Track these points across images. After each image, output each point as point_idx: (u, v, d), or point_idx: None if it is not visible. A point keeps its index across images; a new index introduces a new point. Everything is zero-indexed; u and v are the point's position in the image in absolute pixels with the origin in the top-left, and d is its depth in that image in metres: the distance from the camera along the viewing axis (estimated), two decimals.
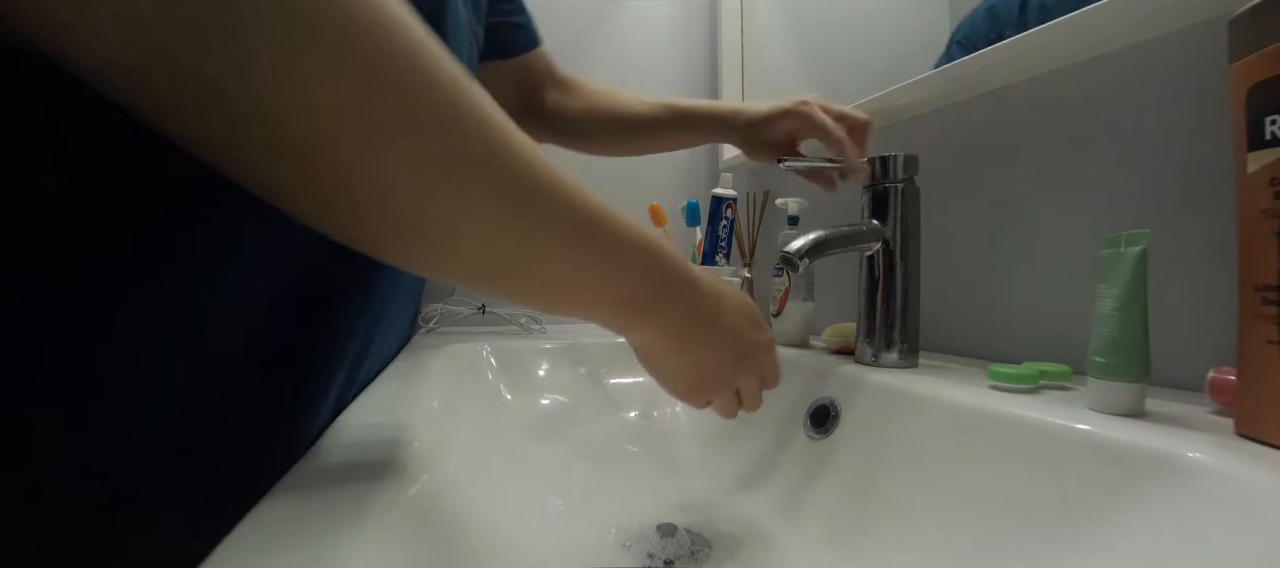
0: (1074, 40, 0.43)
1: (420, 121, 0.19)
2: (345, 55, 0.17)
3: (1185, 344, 0.38)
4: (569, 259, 0.26)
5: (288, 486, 0.22)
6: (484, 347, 0.65)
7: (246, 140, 0.17)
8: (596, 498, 0.46)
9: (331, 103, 0.17)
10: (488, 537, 0.34)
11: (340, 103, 0.17)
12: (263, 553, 0.17)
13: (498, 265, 0.24)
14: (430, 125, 0.19)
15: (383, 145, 0.18)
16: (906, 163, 0.48)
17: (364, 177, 0.19)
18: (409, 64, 0.18)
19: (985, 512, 0.31)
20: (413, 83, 0.18)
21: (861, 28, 0.76)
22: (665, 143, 0.68)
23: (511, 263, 0.24)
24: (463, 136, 0.20)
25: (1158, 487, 0.24)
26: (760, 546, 0.39)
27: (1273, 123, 0.24)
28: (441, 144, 0.19)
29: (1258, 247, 0.25)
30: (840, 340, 0.54)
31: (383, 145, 0.18)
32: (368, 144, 0.18)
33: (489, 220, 0.22)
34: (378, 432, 0.30)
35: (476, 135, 0.21)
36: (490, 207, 0.22)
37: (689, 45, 1.04)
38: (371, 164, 0.18)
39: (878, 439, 0.40)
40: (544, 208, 0.24)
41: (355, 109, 0.17)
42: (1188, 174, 0.39)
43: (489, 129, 0.21)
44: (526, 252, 0.24)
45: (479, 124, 0.21)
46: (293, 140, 0.17)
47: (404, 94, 0.18)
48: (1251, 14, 0.25)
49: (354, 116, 0.17)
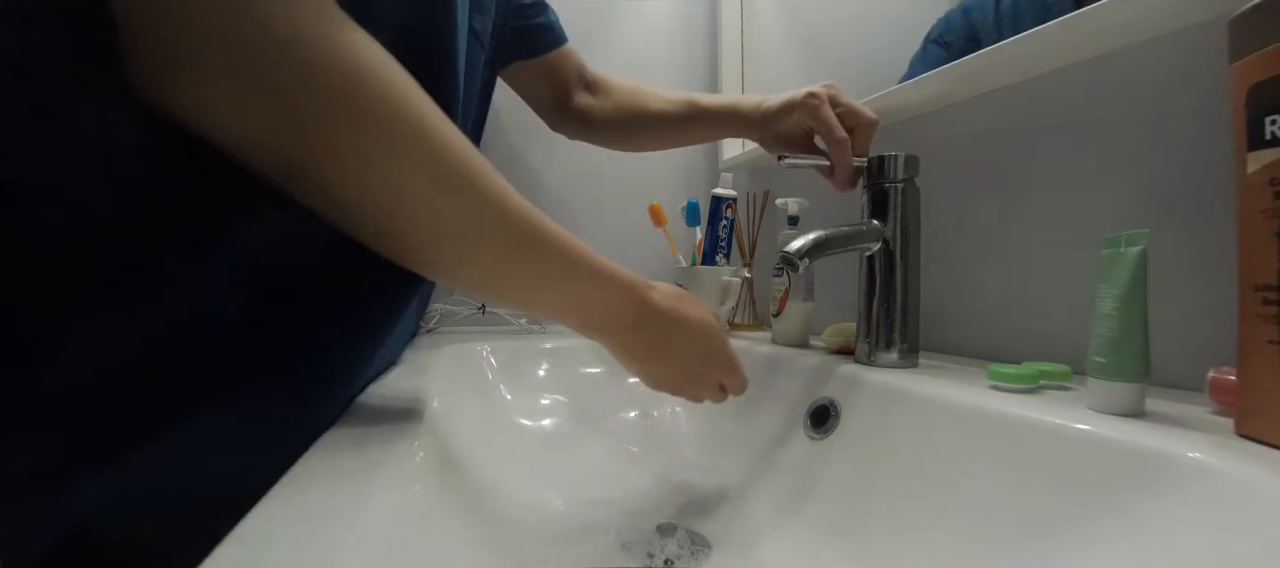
0: (1074, 40, 0.43)
1: (444, 208, 0.28)
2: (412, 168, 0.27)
3: (1185, 344, 0.38)
4: (544, 287, 0.35)
5: (294, 479, 0.22)
6: (484, 347, 0.65)
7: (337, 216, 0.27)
8: (596, 498, 0.46)
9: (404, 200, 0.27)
10: (487, 537, 0.34)
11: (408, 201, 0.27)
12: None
13: (493, 289, 0.34)
14: (451, 204, 0.28)
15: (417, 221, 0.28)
16: (907, 163, 0.48)
17: (404, 234, 0.29)
18: (444, 168, 0.27)
19: (985, 512, 0.31)
20: (447, 183, 0.28)
21: (861, 28, 0.76)
22: (688, 138, 0.70)
23: (503, 287, 0.34)
24: (477, 205, 0.29)
25: (1158, 487, 0.24)
26: (760, 546, 0.39)
27: (1273, 123, 0.24)
28: (460, 212, 0.29)
29: (1258, 247, 0.25)
30: (840, 340, 0.54)
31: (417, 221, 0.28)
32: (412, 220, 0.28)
33: (489, 264, 0.32)
34: (378, 432, 0.30)
35: (483, 202, 0.29)
36: (489, 257, 0.31)
37: (689, 45, 1.04)
38: (411, 226, 0.28)
39: (878, 439, 0.40)
40: (538, 255, 0.32)
41: (413, 202, 0.27)
42: (1188, 174, 0.39)
43: (490, 195, 0.29)
44: (518, 283, 0.34)
45: (488, 192, 0.29)
46: (371, 221, 0.28)
47: (442, 189, 0.28)
48: (1251, 14, 0.25)
49: (410, 207, 0.27)
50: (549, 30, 0.65)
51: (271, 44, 0.22)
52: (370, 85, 0.25)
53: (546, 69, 0.66)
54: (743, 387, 0.44)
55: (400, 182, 0.26)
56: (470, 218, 0.29)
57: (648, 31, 1.02)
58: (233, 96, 0.23)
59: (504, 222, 0.30)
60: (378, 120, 0.25)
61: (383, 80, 0.25)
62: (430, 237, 0.29)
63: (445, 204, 0.28)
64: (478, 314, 0.81)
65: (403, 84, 0.26)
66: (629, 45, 1.00)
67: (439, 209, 0.28)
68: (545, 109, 0.70)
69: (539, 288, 0.34)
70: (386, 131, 0.25)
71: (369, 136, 0.25)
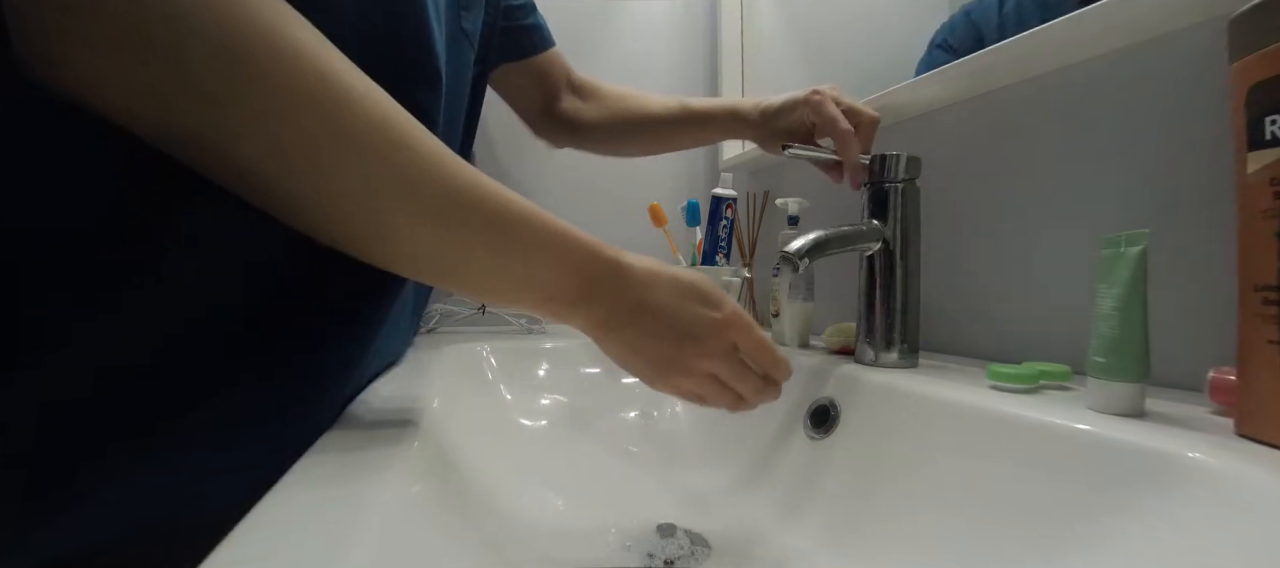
0: (1073, 40, 0.43)
1: (344, 160, 0.25)
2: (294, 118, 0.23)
3: (1185, 344, 0.38)
4: (484, 258, 0.30)
5: (294, 480, 0.22)
6: (484, 347, 0.65)
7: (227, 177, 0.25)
8: (596, 498, 0.46)
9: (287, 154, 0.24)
10: (487, 537, 0.34)
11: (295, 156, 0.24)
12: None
13: (426, 263, 0.29)
14: (348, 162, 0.25)
15: (309, 178, 0.25)
16: (908, 163, 0.48)
17: (305, 204, 0.26)
18: (338, 114, 0.24)
19: (985, 512, 0.31)
20: (339, 132, 0.24)
21: (861, 28, 0.76)
22: (682, 142, 0.69)
23: (437, 262, 0.29)
24: (378, 164, 0.25)
25: (1158, 487, 0.24)
26: (760, 546, 0.39)
27: (1273, 123, 0.24)
28: (359, 174, 0.25)
29: (1258, 247, 0.25)
30: (840, 340, 0.54)
31: (309, 178, 0.25)
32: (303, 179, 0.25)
33: (406, 229, 0.27)
34: (377, 432, 0.30)
35: (390, 160, 0.26)
36: (402, 219, 0.27)
37: (689, 45, 1.04)
38: (309, 194, 0.25)
39: (878, 439, 0.40)
40: (457, 214, 0.28)
41: (303, 156, 0.24)
42: (1188, 174, 0.39)
43: (402, 151, 0.26)
44: (446, 253, 0.29)
45: (394, 148, 0.26)
46: (258, 178, 0.24)
47: (333, 140, 0.24)
48: (1251, 14, 0.25)
49: (300, 161, 0.24)
50: (538, 31, 0.65)
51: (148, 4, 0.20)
52: (255, 35, 0.22)
53: (535, 72, 0.65)
54: (761, 346, 0.37)
55: (290, 139, 0.24)
56: (372, 176, 0.25)
57: (647, 31, 1.02)
58: (111, 64, 0.21)
59: (421, 181, 0.26)
60: (254, 68, 0.22)
61: (272, 26, 0.23)
62: (326, 198, 0.25)
63: (339, 161, 0.25)
64: (478, 314, 0.81)
65: (296, 35, 0.24)
66: (628, 45, 1.00)
67: (333, 167, 0.25)
68: (533, 115, 0.70)
69: (471, 263, 0.30)
70: (280, 83, 0.23)
71: (251, 84, 0.22)
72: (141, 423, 0.27)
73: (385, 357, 0.46)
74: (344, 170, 0.25)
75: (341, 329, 0.34)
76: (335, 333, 0.33)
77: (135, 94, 0.22)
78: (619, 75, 1.00)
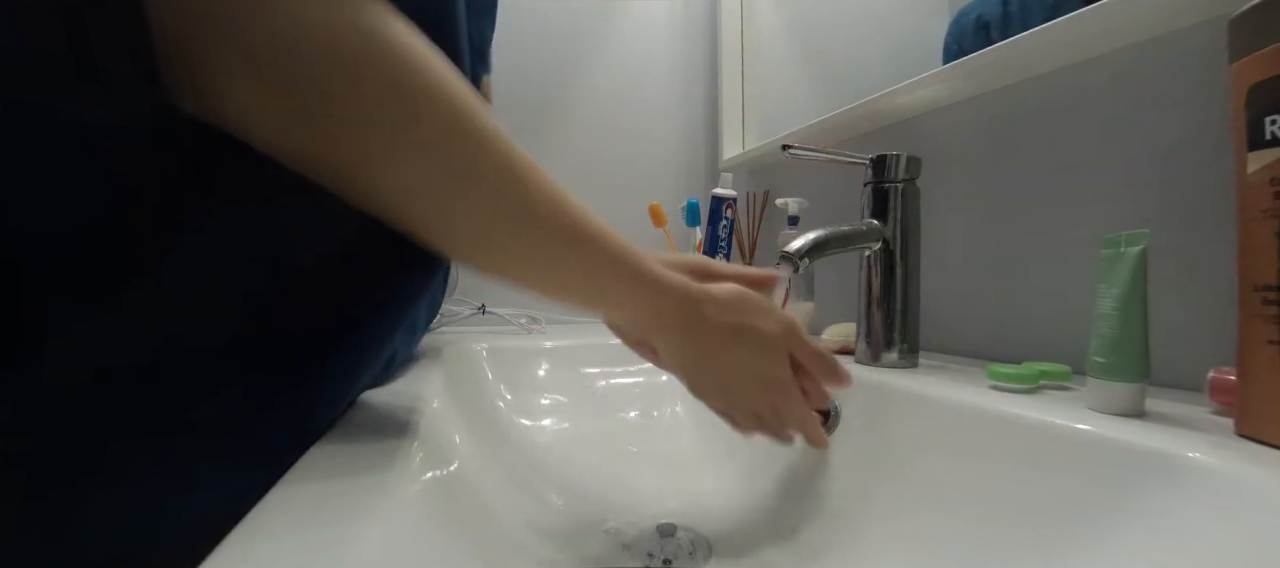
0: (1073, 40, 0.43)
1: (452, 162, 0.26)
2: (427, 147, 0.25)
3: (1185, 344, 0.38)
4: (581, 282, 0.32)
5: (294, 480, 0.22)
6: (484, 347, 0.65)
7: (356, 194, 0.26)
8: (596, 498, 0.46)
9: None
10: (487, 537, 0.34)
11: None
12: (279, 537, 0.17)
13: (529, 280, 0.31)
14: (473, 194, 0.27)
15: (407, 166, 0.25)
16: (908, 163, 0.48)
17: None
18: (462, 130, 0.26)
19: (985, 512, 0.31)
20: (456, 140, 0.26)
21: (861, 28, 0.76)
22: None
23: (539, 279, 0.31)
24: (498, 197, 0.28)
25: (1158, 487, 0.24)
26: (760, 546, 0.39)
27: (1273, 123, 0.24)
28: (482, 205, 0.27)
29: (1258, 247, 0.25)
30: (840, 340, 0.54)
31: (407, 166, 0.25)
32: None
33: (476, 221, 0.28)
34: (377, 433, 0.30)
35: (506, 194, 0.28)
36: (481, 212, 0.28)
37: (689, 45, 1.04)
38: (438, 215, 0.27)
39: (878, 439, 0.40)
40: (562, 243, 0.30)
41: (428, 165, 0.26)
42: (1188, 174, 0.39)
43: (520, 187, 0.29)
44: (549, 275, 0.31)
45: (513, 183, 0.28)
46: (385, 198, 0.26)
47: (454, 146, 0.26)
48: (1251, 14, 0.25)
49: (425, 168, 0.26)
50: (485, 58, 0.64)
51: (299, 35, 0.22)
52: (401, 69, 0.24)
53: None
54: (816, 436, 0.38)
55: (438, 173, 0.26)
56: (491, 207, 0.28)
57: (647, 31, 1.02)
58: (260, 93, 0.22)
59: (540, 213, 0.29)
60: (411, 109, 0.24)
61: (416, 65, 0.24)
62: (466, 231, 0.28)
63: (468, 191, 0.27)
64: (478, 314, 0.81)
65: (438, 68, 0.25)
66: (628, 45, 1.00)
67: (470, 200, 0.27)
68: None
69: (578, 280, 0.32)
70: (425, 121, 0.25)
71: (401, 127, 0.24)
72: (141, 423, 0.27)
73: (395, 357, 0.46)
74: (469, 199, 0.27)
75: (347, 332, 0.34)
76: (340, 335, 0.33)
77: (289, 130, 0.23)
78: (619, 75, 1.00)
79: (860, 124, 0.66)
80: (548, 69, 0.96)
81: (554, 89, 0.96)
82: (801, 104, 0.86)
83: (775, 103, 0.94)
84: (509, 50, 0.89)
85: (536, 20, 0.95)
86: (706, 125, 1.05)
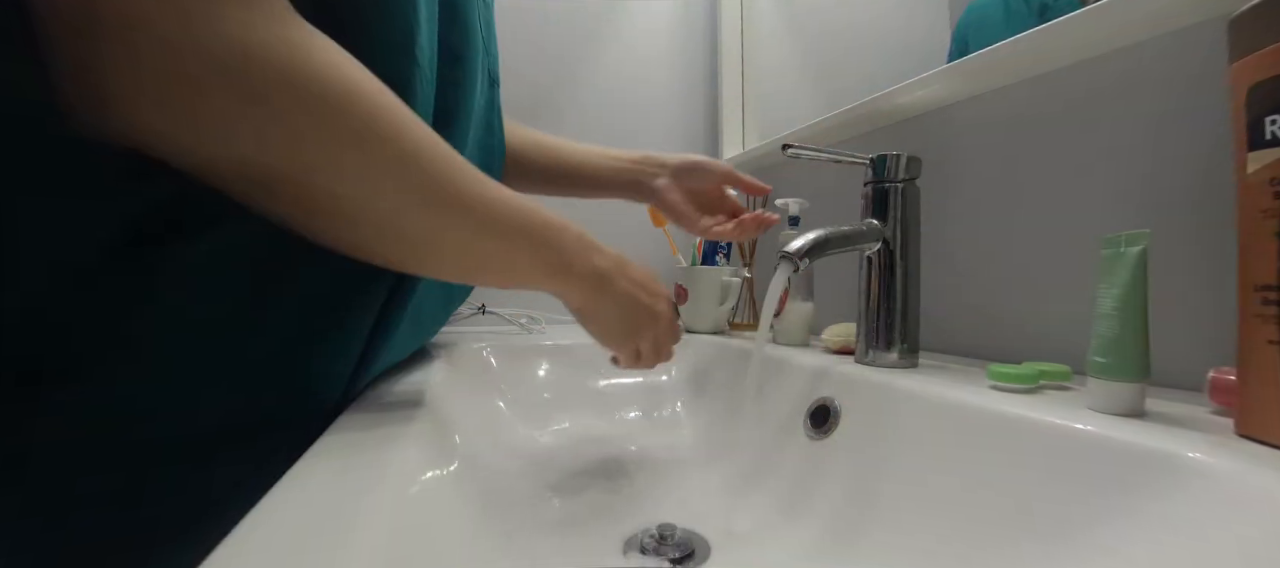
0: (1073, 40, 0.43)
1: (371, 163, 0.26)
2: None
3: (1185, 344, 0.38)
4: (489, 244, 0.33)
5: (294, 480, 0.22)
6: (484, 347, 0.65)
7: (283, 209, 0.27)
8: (596, 498, 0.46)
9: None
10: (486, 538, 0.34)
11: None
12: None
13: (465, 271, 0.34)
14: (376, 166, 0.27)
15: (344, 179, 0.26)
16: (908, 163, 0.48)
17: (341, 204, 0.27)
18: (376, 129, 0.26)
19: (985, 512, 0.31)
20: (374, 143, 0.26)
21: (860, 29, 0.76)
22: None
23: (475, 267, 0.34)
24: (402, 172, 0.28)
25: (1157, 487, 0.24)
26: (759, 546, 0.39)
27: (1273, 123, 0.24)
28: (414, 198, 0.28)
29: (1258, 247, 0.25)
30: (840, 341, 0.54)
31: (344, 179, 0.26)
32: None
33: (453, 241, 0.31)
34: (376, 433, 0.30)
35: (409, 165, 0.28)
36: (451, 234, 0.31)
37: (689, 45, 1.04)
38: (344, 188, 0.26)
39: (877, 439, 0.40)
40: (496, 226, 0.32)
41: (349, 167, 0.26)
42: (1187, 174, 0.39)
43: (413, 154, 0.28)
44: (484, 260, 0.33)
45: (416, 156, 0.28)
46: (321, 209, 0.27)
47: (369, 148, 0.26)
48: (1251, 14, 0.25)
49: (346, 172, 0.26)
50: None
51: (210, 55, 0.21)
52: (317, 87, 0.24)
53: None
54: (675, 336, 0.48)
55: (363, 187, 0.26)
56: (424, 198, 0.29)
57: (647, 31, 1.02)
58: (167, 113, 0.22)
59: (462, 198, 0.30)
60: (330, 126, 0.24)
61: (335, 82, 0.24)
62: (398, 236, 0.29)
63: (405, 199, 0.28)
64: (478, 314, 0.81)
65: (362, 83, 0.26)
66: (628, 45, 1.00)
67: (397, 206, 0.28)
68: None
69: (513, 266, 0.35)
70: (349, 138, 0.25)
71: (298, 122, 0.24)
72: (148, 439, 0.27)
73: (398, 354, 0.46)
74: (395, 205, 0.28)
75: (344, 335, 0.34)
76: (336, 337, 0.33)
77: (199, 148, 0.23)
78: (619, 75, 1.00)
79: (860, 124, 0.66)
80: (548, 69, 0.96)
81: (554, 89, 0.96)
82: (801, 104, 0.86)
83: (775, 103, 0.94)
84: (509, 50, 0.89)
85: (536, 20, 0.95)
86: (706, 125, 1.05)
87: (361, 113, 0.25)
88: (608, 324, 0.43)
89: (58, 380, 0.26)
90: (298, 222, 0.27)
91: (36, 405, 0.25)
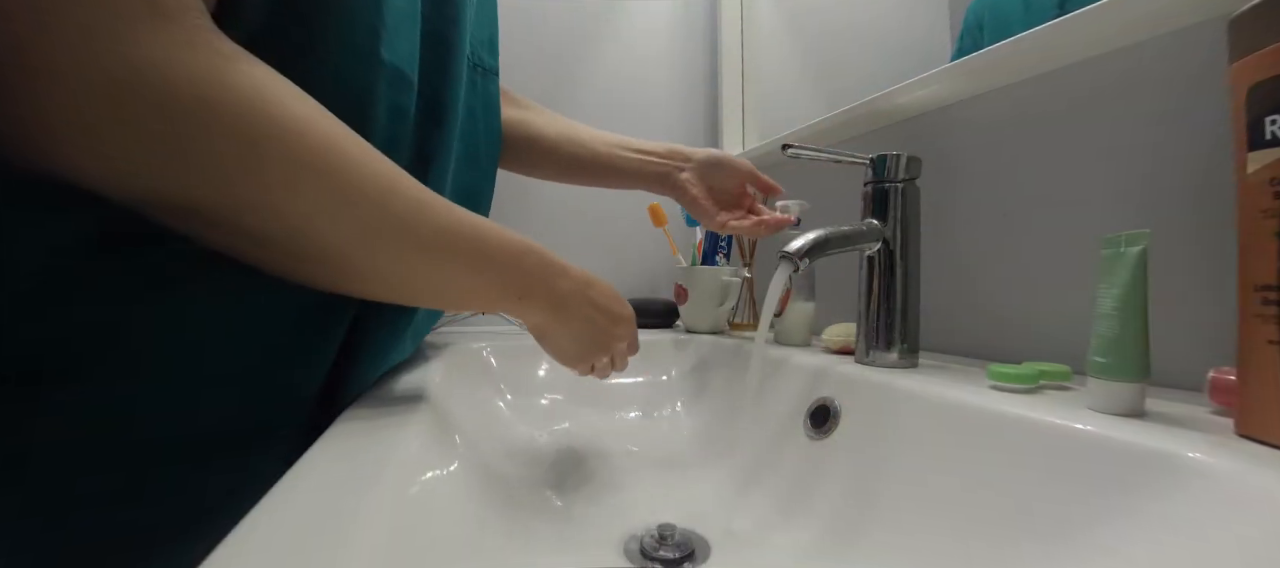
0: (1073, 40, 0.43)
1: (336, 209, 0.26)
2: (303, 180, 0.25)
3: (1185, 344, 0.38)
4: (442, 272, 0.32)
5: (294, 480, 0.22)
6: (484, 347, 0.65)
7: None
8: (596, 498, 0.46)
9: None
10: (485, 538, 0.34)
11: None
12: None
13: (414, 293, 0.33)
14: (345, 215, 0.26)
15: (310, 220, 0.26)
16: (908, 163, 0.48)
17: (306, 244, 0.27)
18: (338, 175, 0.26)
19: (985, 512, 0.31)
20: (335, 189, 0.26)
21: (860, 29, 0.76)
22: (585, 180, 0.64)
23: (426, 291, 0.33)
24: (376, 214, 0.28)
25: (1157, 487, 0.24)
26: (759, 546, 0.39)
27: (1273, 123, 0.24)
28: (358, 224, 0.27)
29: (1258, 247, 0.25)
30: (840, 340, 0.54)
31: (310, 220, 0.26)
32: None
33: (399, 266, 0.30)
34: (375, 434, 0.30)
35: (386, 209, 0.28)
36: (395, 259, 0.29)
37: (689, 45, 1.04)
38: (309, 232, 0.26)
39: (877, 439, 0.40)
40: (447, 248, 0.31)
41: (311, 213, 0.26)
42: (1188, 174, 0.39)
43: (394, 197, 0.28)
44: (435, 283, 0.32)
45: (387, 197, 0.28)
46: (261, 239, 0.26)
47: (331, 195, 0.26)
48: (1251, 14, 0.25)
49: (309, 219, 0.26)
50: None
51: (134, 80, 0.20)
52: (243, 111, 0.23)
53: None
54: (635, 348, 0.49)
55: (299, 206, 0.25)
56: (372, 224, 0.27)
57: (647, 31, 1.02)
58: (92, 141, 0.21)
59: (413, 223, 0.29)
60: (258, 152, 0.23)
61: (260, 105, 0.23)
62: (329, 247, 0.27)
63: (339, 213, 0.26)
64: (478, 314, 0.81)
65: (292, 105, 0.25)
66: (628, 45, 1.00)
67: (345, 231, 0.27)
68: None
69: (455, 286, 0.34)
70: (277, 163, 0.24)
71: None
72: (148, 440, 0.27)
73: (399, 355, 0.46)
74: (343, 222, 0.27)
75: (335, 349, 0.34)
76: (322, 348, 0.33)
77: (129, 189, 0.22)
78: (619, 75, 1.00)
79: (860, 124, 0.66)
80: (547, 69, 0.96)
81: (554, 89, 0.96)
82: (802, 104, 0.87)
83: (775, 103, 0.94)
84: (509, 50, 0.89)
85: (536, 20, 0.95)
86: (706, 125, 1.05)
87: (291, 146, 0.24)
88: (562, 346, 0.43)
89: (58, 380, 0.25)
90: (248, 255, 0.26)
91: (36, 406, 0.25)
